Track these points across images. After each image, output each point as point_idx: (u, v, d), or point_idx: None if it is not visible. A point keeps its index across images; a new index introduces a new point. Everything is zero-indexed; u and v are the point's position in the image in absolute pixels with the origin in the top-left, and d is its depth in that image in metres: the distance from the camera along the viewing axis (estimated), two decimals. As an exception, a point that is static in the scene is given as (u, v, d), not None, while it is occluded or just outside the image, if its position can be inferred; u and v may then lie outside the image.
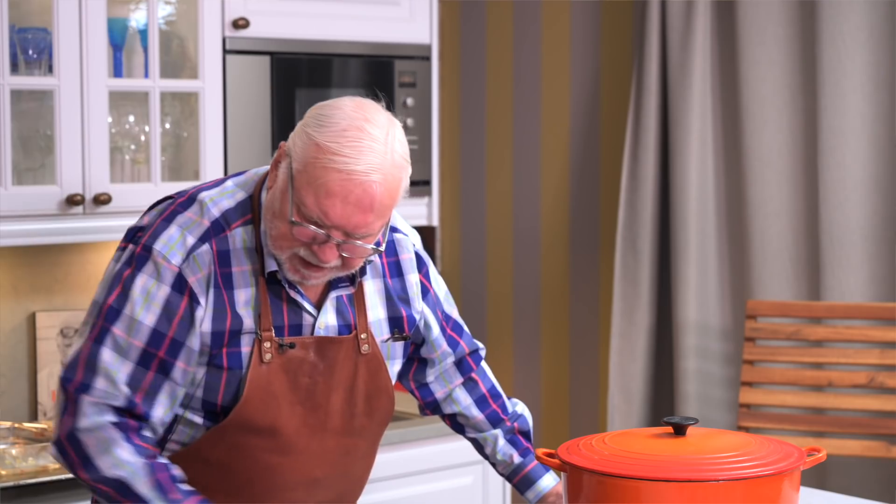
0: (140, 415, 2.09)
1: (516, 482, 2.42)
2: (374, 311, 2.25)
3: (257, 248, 2.14)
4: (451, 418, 2.46)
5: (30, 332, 3.45)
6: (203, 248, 2.11)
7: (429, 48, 3.81)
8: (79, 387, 2.07)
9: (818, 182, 3.59)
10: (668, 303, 3.92)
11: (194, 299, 2.09)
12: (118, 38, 3.31)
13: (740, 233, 3.76)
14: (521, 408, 2.47)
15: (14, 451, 3.02)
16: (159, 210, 2.18)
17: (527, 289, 4.30)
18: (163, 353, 2.09)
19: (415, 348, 2.37)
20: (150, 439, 2.12)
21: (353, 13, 3.66)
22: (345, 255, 2.07)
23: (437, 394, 2.43)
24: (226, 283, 2.12)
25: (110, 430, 2.07)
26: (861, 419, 3.50)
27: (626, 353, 3.90)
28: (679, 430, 2.04)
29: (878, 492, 3.53)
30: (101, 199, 3.23)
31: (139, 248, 2.12)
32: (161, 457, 2.11)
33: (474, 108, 4.41)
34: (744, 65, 3.68)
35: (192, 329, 2.10)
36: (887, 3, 3.50)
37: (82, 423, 2.07)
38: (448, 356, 2.40)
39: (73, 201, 3.19)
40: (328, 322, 2.19)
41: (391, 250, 2.29)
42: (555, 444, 3.79)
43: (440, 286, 2.40)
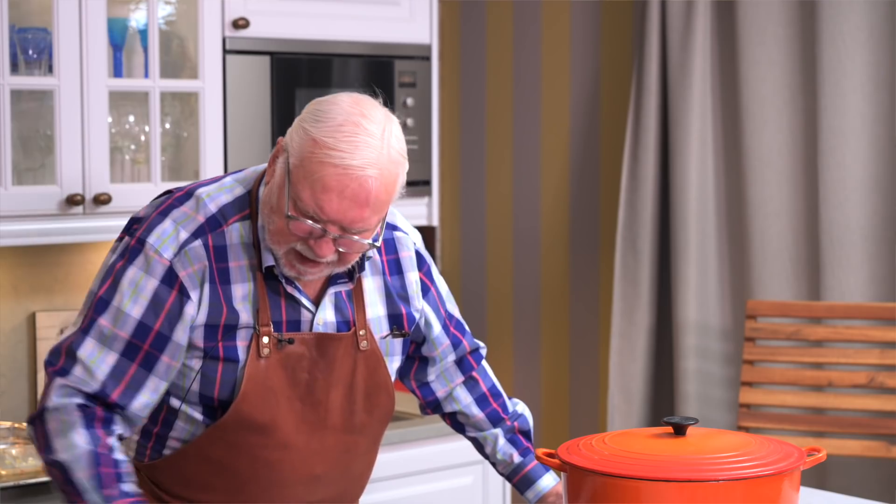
0: (114, 404, 2.10)
1: (516, 482, 2.42)
2: (374, 309, 2.25)
3: (254, 244, 2.14)
4: (451, 417, 2.46)
5: (30, 332, 3.45)
6: (195, 244, 2.11)
7: (429, 48, 3.81)
8: (58, 370, 2.10)
9: (818, 182, 3.59)
10: (668, 303, 3.92)
11: (184, 294, 2.10)
12: (118, 38, 3.32)
13: (740, 233, 3.76)
14: (521, 407, 2.47)
15: (14, 451, 3.02)
16: (156, 204, 2.19)
17: (527, 289, 4.30)
18: (147, 345, 2.10)
19: (415, 347, 2.37)
20: (116, 431, 2.11)
21: (353, 13, 3.66)
22: (341, 250, 2.08)
23: (438, 393, 2.43)
24: (222, 278, 2.12)
25: (73, 414, 2.08)
26: (861, 419, 3.50)
27: (626, 353, 3.90)
28: (679, 430, 2.04)
29: (878, 492, 3.53)
30: (101, 199, 3.23)
31: (133, 241, 2.13)
32: (118, 452, 2.09)
33: (474, 108, 4.41)
34: (744, 65, 3.68)
35: (180, 323, 2.10)
36: (887, 3, 3.50)
37: (50, 403, 2.09)
38: (449, 354, 2.40)
39: (73, 201, 3.19)
40: (326, 318, 2.19)
41: (391, 248, 2.29)
42: (555, 444, 3.79)
43: (442, 285, 2.40)
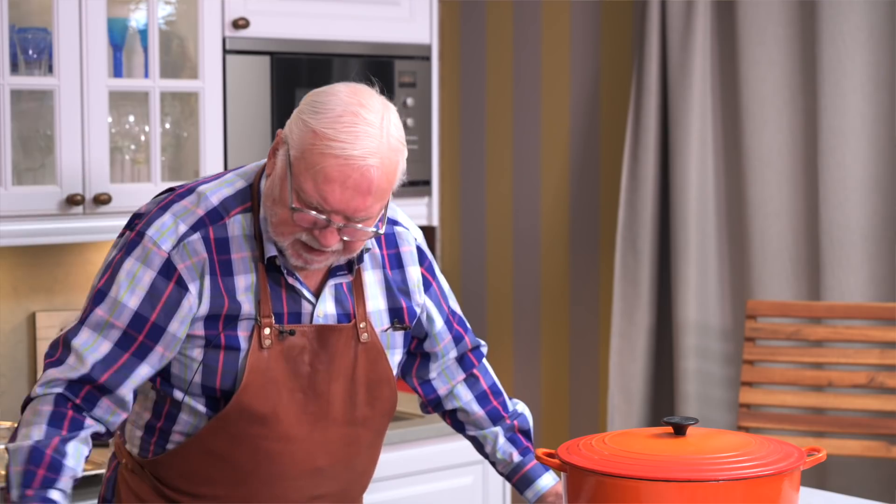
0: (101, 385, 2.10)
1: (515, 481, 2.42)
2: (374, 302, 2.26)
3: (256, 235, 2.15)
4: (451, 416, 2.47)
5: (30, 332, 3.45)
6: (194, 237, 2.12)
7: (429, 48, 3.81)
8: (52, 361, 2.12)
9: (818, 182, 3.59)
10: (668, 303, 3.92)
11: (182, 286, 2.11)
12: (118, 38, 3.32)
13: (740, 233, 3.76)
14: (521, 407, 2.48)
15: (14, 451, 3.02)
16: (158, 200, 2.20)
17: (527, 289, 4.30)
18: (143, 336, 2.11)
19: (417, 343, 2.38)
20: (85, 432, 2.10)
21: (353, 13, 3.66)
22: (346, 239, 2.10)
23: (440, 390, 2.44)
24: (224, 269, 2.13)
25: (46, 406, 2.09)
26: (861, 419, 3.50)
27: (626, 353, 3.90)
28: (679, 430, 2.04)
29: (878, 492, 3.53)
30: (101, 199, 3.23)
31: (133, 234, 2.15)
32: (70, 457, 2.07)
33: (474, 108, 4.41)
34: (744, 65, 3.68)
35: (177, 315, 2.11)
36: (887, 3, 3.50)
37: (35, 391, 2.12)
38: (451, 350, 2.41)
39: (73, 201, 3.19)
40: (327, 310, 2.20)
41: (392, 242, 2.30)
42: (555, 444, 3.80)
43: (443, 281, 2.42)
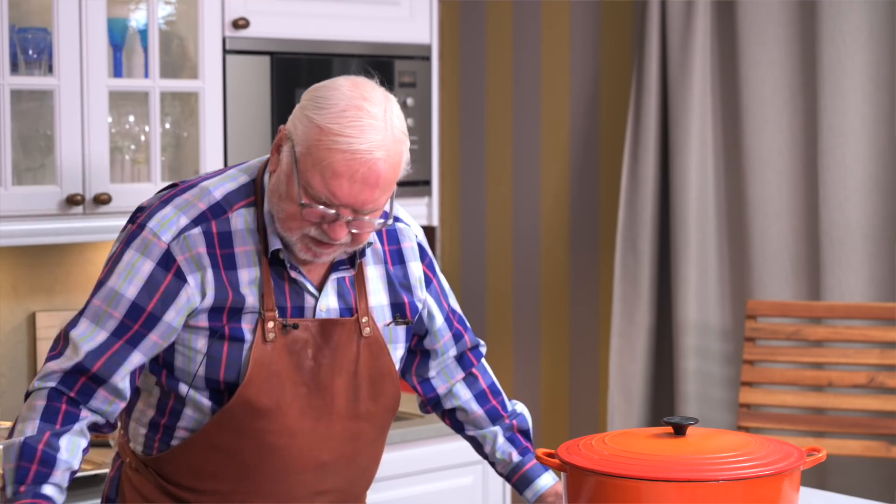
0: (94, 375, 2.12)
1: (515, 481, 2.42)
2: (377, 297, 2.27)
3: (260, 229, 2.17)
4: (450, 415, 2.47)
5: (30, 332, 3.45)
6: (195, 231, 2.14)
7: (429, 48, 3.81)
8: (53, 355, 2.14)
9: (818, 182, 3.59)
10: (668, 303, 3.92)
11: (181, 277, 2.12)
12: (118, 38, 3.32)
13: (740, 233, 3.76)
14: (520, 407, 2.48)
15: (14, 451, 3.02)
16: (160, 194, 2.23)
17: (527, 289, 4.30)
18: (138, 325, 2.12)
19: (417, 340, 2.39)
20: (80, 424, 2.12)
21: (353, 13, 3.66)
22: (354, 231, 2.11)
23: (439, 389, 2.45)
24: (228, 263, 2.15)
25: (42, 399, 2.11)
26: (861, 419, 3.50)
27: (626, 353, 3.90)
28: (679, 430, 2.04)
29: (878, 492, 3.53)
30: (101, 199, 3.23)
31: (135, 227, 2.17)
32: (64, 451, 2.09)
33: (474, 108, 4.41)
34: (744, 65, 3.68)
35: (174, 306, 2.12)
36: (887, 3, 3.50)
37: (33, 384, 2.15)
38: (450, 348, 2.41)
39: (73, 201, 3.19)
40: (329, 305, 2.21)
41: (393, 238, 2.32)
42: (555, 444, 3.80)
43: (443, 279, 2.43)
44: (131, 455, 2.28)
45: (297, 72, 3.57)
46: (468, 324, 2.47)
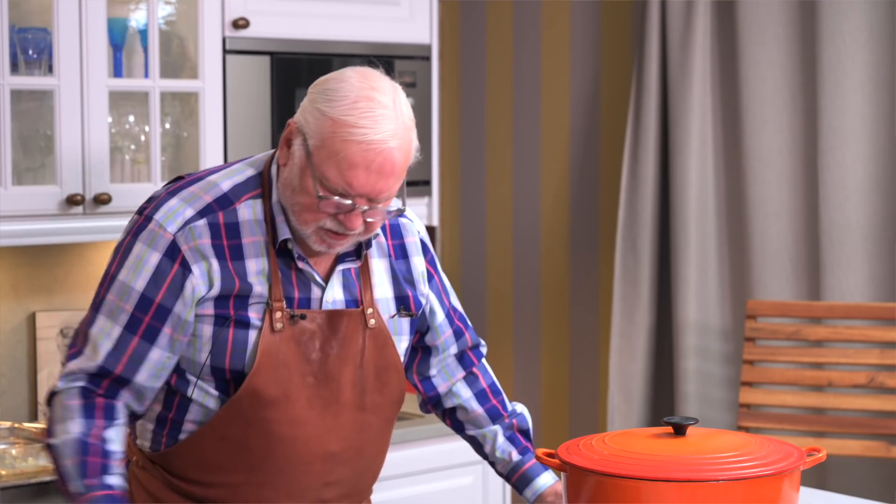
0: (118, 377, 2.13)
1: (514, 481, 2.42)
2: (381, 289, 2.28)
3: (267, 220, 2.18)
4: (450, 415, 2.47)
5: (30, 332, 3.45)
6: (200, 223, 2.15)
7: (429, 48, 3.81)
8: (73, 353, 2.16)
9: (818, 182, 3.59)
10: (668, 303, 3.92)
11: (186, 267, 2.13)
12: (118, 38, 3.32)
13: (740, 233, 3.76)
14: (520, 407, 2.49)
15: (14, 451, 3.02)
16: (167, 186, 2.24)
17: (527, 289, 4.30)
18: (149, 318, 2.13)
19: (419, 337, 2.40)
20: (119, 418, 2.15)
21: (353, 13, 3.66)
22: (369, 220, 2.13)
23: (440, 388, 2.45)
24: (235, 253, 2.16)
25: (74, 400, 2.13)
26: (861, 419, 3.50)
27: (626, 353, 3.90)
28: (679, 430, 2.04)
29: (878, 492, 3.53)
30: (101, 199, 3.23)
31: (141, 219, 2.18)
32: (112, 443, 2.12)
33: (474, 108, 4.41)
34: (744, 65, 3.68)
35: (181, 297, 2.13)
36: (887, 3, 3.50)
37: (58, 385, 2.15)
38: (451, 345, 2.42)
39: (73, 201, 3.19)
40: (335, 296, 2.22)
41: (396, 233, 2.33)
42: (555, 444, 3.79)
43: (444, 276, 2.44)
44: (138, 453, 2.29)
45: (297, 72, 3.57)
46: (469, 322, 2.48)
